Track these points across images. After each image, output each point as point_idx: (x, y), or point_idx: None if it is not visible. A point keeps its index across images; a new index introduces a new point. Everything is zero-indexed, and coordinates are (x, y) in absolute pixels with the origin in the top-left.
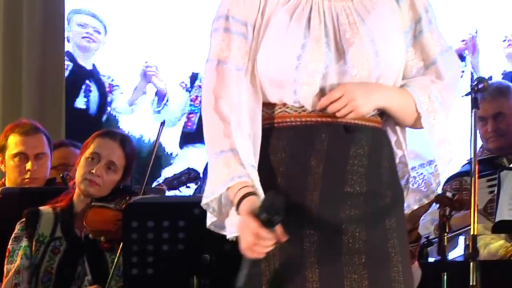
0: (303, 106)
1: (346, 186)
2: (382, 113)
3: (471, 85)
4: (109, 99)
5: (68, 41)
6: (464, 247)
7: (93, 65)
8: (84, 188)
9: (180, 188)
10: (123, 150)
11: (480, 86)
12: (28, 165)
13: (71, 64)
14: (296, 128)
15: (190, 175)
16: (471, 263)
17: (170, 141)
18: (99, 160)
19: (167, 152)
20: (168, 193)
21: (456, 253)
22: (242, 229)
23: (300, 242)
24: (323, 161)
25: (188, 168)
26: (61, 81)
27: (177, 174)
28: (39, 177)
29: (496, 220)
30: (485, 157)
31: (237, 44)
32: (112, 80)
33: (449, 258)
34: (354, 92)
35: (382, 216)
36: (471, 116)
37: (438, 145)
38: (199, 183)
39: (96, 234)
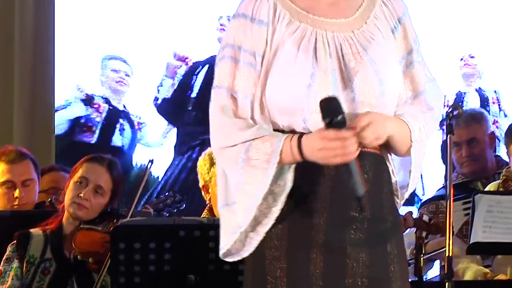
0: (310, 132)
1: (352, 210)
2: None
3: (446, 112)
4: (138, 135)
5: (102, 84)
6: (440, 268)
7: (124, 105)
8: (73, 211)
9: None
10: (110, 175)
11: (455, 113)
12: (16, 193)
13: (107, 106)
14: None
15: (176, 198)
16: (447, 283)
17: None
18: (87, 184)
19: None
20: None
21: (432, 273)
22: (314, 147)
23: (306, 265)
24: (331, 186)
25: (173, 191)
26: (51, 107)
27: (163, 197)
28: (28, 202)
29: (471, 242)
30: (460, 181)
31: (245, 73)
32: (140, 118)
33: (425, 279)
34: (378, 121)
35: (384, 240)
36: (447, 141)
37: (414, 172)
38: (183, 205)
39: (84, 256)
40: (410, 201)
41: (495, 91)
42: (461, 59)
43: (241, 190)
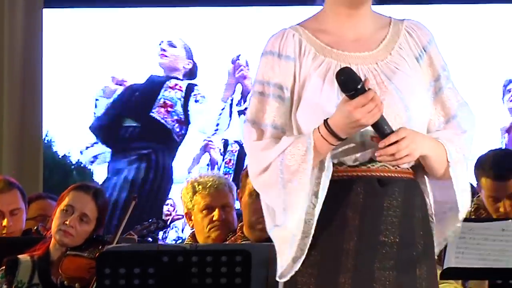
0: (340, 162)
1: (380, 235)
2: (414, 165)
3: None
4: None
5: None
6: None
7: None
8: (59, 238)
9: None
10: (95, 203)
11: None
12: (4, 222)
13: None
14: (333, 182)
15: (159, 225)
16: None
17: None
18: (73, 212)
19: None
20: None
21: None
22: (346, 120)
23: None
24: (359, 212)
25: (156, 218)
26: (39, 137)
27: (146, 223)
28: (15, 231)
29: (444, 267)
30: None
31: (274, 105)
32: None
33: None
34: (413, 136)
35: (414, 264)
36: None
37: (461, 194)
38: (167, 232)
39: (71, 281)
40: None
41: None
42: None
43: (288, 197)
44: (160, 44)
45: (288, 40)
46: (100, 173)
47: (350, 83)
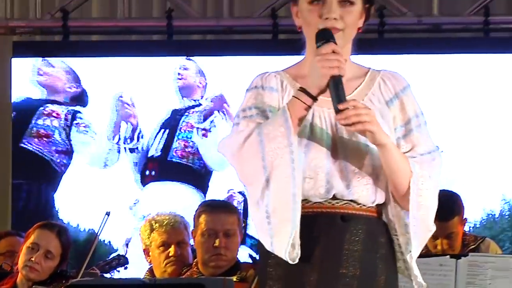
0: (305, 199)
1: (341, 268)
2: (378, 204)
3: None
4: None
5: None
6: None
7: None
8: (25, 273)
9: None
10: (59, 241)
11: None
12: None
13: None
14: None
15: (120, 261)
16: None
17: None
18: (38, 249)
19: None
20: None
21: None
22: (313, 71)
23: None
24: (321, 246)
25: (118, 254)
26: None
27: (108, 259)
28: None
29: None
30: None
31: (259, 120)
32: None
33: None
34: (373, 116)
35: None
36: None
37: (417, 210)
38: (127, 267)
39: None
40: None
41: None
42: None
43: (270, 163)
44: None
45: (271, 77)
46: None
47: (320, 38)
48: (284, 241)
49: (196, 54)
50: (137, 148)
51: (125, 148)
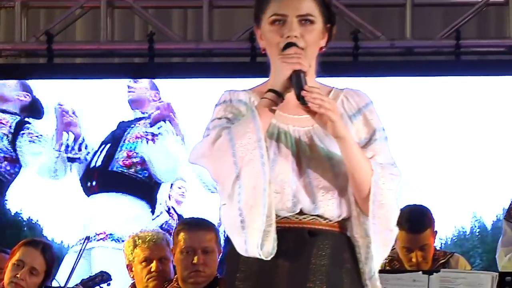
0: (275, 214)
1: (308, 282)
2: (343, 220)
3: None
4: None
5: None
6: None
7: None
8: None
9: None
10: (44, 257)
11: None
12: None
13: None
14: None
15: (103, 277)
16: None
17: None
18: (23, 266)
19: None
20: None
21: None
22: (276, 68)
23: None
24: (289, 260)
25: (101, 271)
26: None
27: (92, 276)
28: None
29: None
30: None
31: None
32: None
33: None
34: (336, 108)
35: None
36: None
37: (378, 208)
38: (110, 284)
39: None
40: None
41: None
42: None
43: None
44: None
45: (239, 92)
46: None
47: (285, 46)
48: (256, 235)
49: (176, 76)
50: (79, 158)
51: (68, 157)
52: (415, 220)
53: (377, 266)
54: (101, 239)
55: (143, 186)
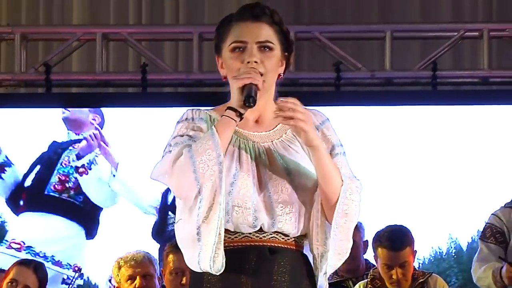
0: (235, 231)
1: None
2: (301, 238)
3: None
4: None
5: None
6: None
7: None
8: None
9: None
10: (36, 276)
11: None
12: None
13: None
14: (229, 251)
15: None
16: None
17: None
18: (17, 285)
19: None
20: None
21: None
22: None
23: None
24: (251, 278)
25: None
26: None
27: None
28: None
29: None
30: (334, 281)
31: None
32: None
33: None
34: (309, 118)
35: None
36: None
37: (341, 217)
38: None
39: None
40: None
41: None
42: None
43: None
44: None
45: (200, 111)
46: None
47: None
48: (210, 248)
49: (168, 105)
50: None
51: None
52: (396, 238)
53: (329, 271)
54: (15, 248)
55: (77, 209)
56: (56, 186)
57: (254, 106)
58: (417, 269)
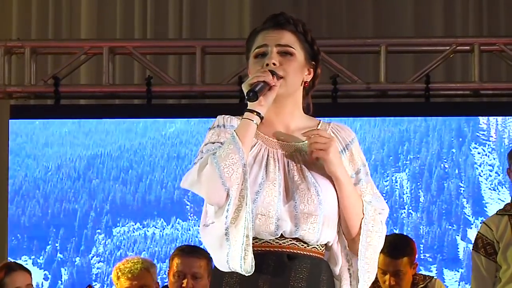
0: (256, 237)
1: None
2: (322, 247)
3: None
4: None
5: None
6: None
7: None
8: None
9: None
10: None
11: None
12: None
13: None
14: None
15: None
16: None
17: None
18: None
19: None
20: None
21: None
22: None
23: None
24: (268, 283)
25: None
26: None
27: None
28: None
29: None
30: None
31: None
32: None
33: None
34: (335, 149)
35: None
36: None
37: (365, 250)
38: None
39: None
40: None
41: None
42: None
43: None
44: None
45: (232, 118)
46: None
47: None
48: (239, 247)
49: (172, 116)
50: None
51: None
52: (395, 246)
53: None
54: None
55: None
56: None
57: (256, 100)
58: (419, 273)
